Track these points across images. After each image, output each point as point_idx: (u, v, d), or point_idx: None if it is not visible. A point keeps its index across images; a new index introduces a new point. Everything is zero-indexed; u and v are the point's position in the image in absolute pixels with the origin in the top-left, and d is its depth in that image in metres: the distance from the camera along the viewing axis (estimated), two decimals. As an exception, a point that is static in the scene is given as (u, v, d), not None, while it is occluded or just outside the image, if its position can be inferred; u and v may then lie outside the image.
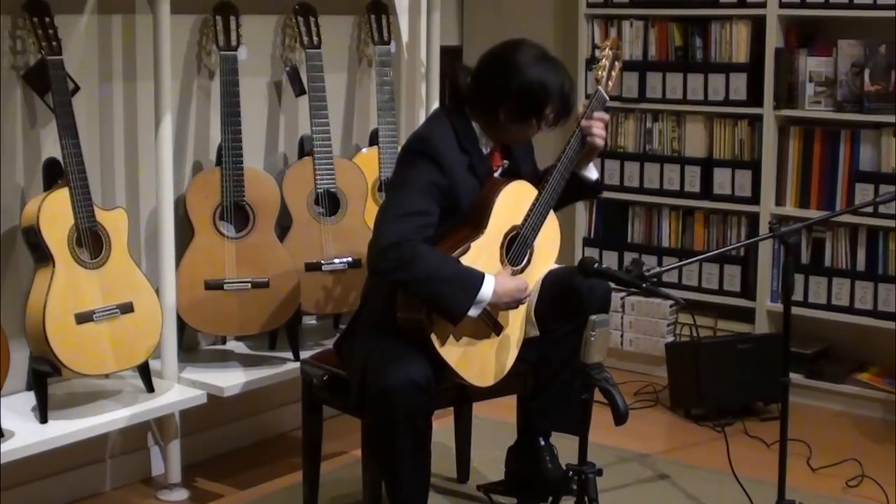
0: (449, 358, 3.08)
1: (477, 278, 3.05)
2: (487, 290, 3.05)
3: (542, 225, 3.25)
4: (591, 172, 3.43)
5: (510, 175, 3.30)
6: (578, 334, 2.88)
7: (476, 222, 3.17)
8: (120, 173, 3.67)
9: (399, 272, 3.00)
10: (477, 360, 3.17)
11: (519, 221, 3.23)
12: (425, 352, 3.05)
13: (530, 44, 3.20)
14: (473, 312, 3.06)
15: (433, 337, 3.05)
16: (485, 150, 3.24)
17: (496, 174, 3.29)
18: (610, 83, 3.45)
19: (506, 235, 3.21)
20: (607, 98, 3.42)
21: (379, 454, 3.10)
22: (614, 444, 3.98)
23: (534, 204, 3.23)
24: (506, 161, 3.32)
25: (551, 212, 3.29)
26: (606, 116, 3.36)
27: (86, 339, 3.26)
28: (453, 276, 3.03)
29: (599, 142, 3.32)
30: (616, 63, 3.50)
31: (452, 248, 3.11)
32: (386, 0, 4.20)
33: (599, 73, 3.45)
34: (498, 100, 3.14)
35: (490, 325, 3.18)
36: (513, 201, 3.22)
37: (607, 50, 3.48)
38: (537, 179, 3.32)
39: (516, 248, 3.22)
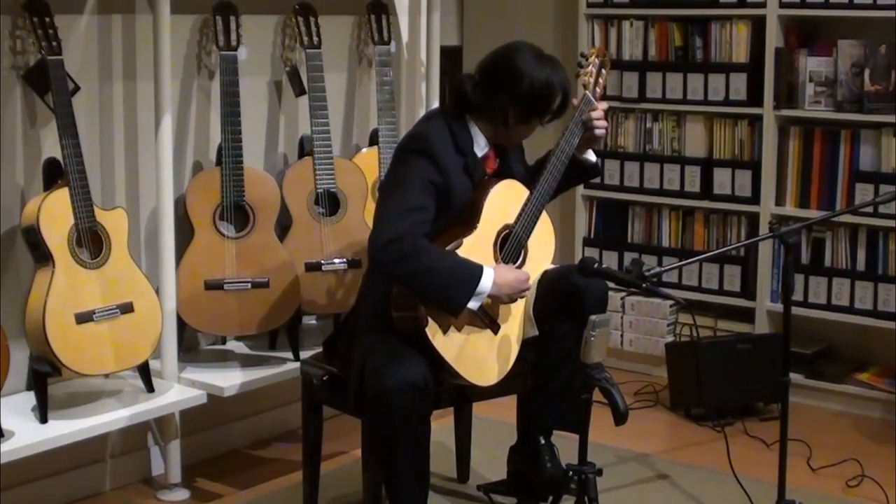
0: (446, 354, 3.08)
1: (476, 270, 3.07)
2: (487, 282, 3.06)
3: (535, 224, 3.26)
4: (591, 155, 3.49)
5: (501, 176, 3.32)
6: (576, 333, 2.89)
7: (466, 221, 3.18)
8: (120, 173, 3.67)
9: (400, 266, 3.02)
10: (475, 358, 3.16)
11: (511, 220, 3.24)
12: (423, 352, 3.05)
13: (527, 45, 3.27)
14: (473, 305, 3.07)
15: (428, 332, 3.05)
16: (479, 154, 3.27)
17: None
18: (598, 89, 3.49)
19: (498, 234, 3.22)
20: (594, 102, 3.44)
21: (378, 455, 3.10)
22: (614, 444, 3.98)
23: (526, 203, 3.25)
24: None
25: (544, 213, 3.30)
26: (604, 105, 3.42)
27: (86, 339, 3.26)
28: (453, 269, 3.05)
29: (601, 132, 3.40)
30: (603, 70, 3.53)
31: (443, 245, 3.12)
32: (386, 0, 4.20)
33: (586, 79, 3.48)
34: (508, 104, 3.20)
35: (486, 322, 3.18)
36: (504, 200, 3.23)
37: (593, 58, 3.52)
38: (528, 179, 3.34)
39: (509, 246, 3.23)
